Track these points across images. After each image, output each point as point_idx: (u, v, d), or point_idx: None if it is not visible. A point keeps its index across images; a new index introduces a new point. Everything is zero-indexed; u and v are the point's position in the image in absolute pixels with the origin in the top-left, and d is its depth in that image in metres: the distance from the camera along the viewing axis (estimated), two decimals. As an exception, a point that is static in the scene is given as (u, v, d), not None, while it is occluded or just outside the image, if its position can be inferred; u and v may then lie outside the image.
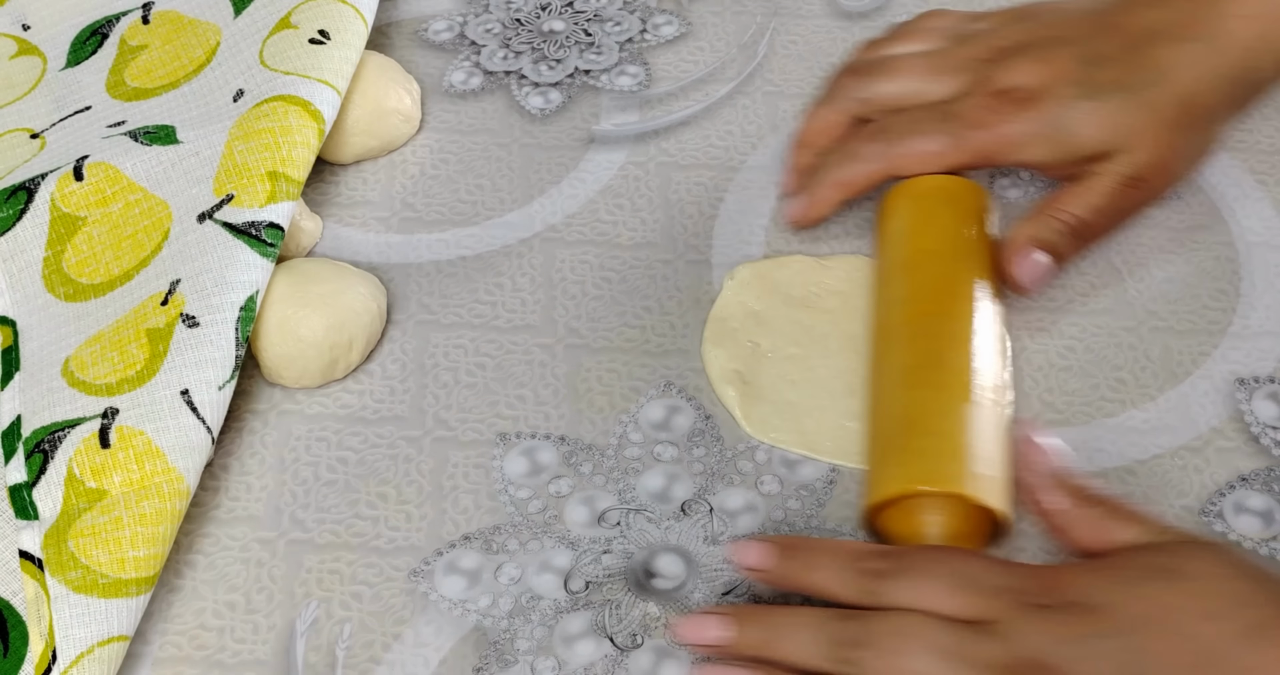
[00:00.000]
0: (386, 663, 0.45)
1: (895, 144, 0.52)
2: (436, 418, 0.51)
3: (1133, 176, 0.50)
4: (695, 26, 0.65)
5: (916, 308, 0.49)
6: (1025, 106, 0.51)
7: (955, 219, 0.52)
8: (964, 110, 0.52)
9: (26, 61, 0.63)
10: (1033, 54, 0.52)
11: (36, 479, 0.47)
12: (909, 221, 0.52)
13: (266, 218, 0.52)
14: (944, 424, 0.46)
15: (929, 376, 0.47)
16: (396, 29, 0.66)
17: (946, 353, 0.48)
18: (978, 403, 0.46)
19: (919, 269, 0.51)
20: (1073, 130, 0.50)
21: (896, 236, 0.52)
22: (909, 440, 0.46)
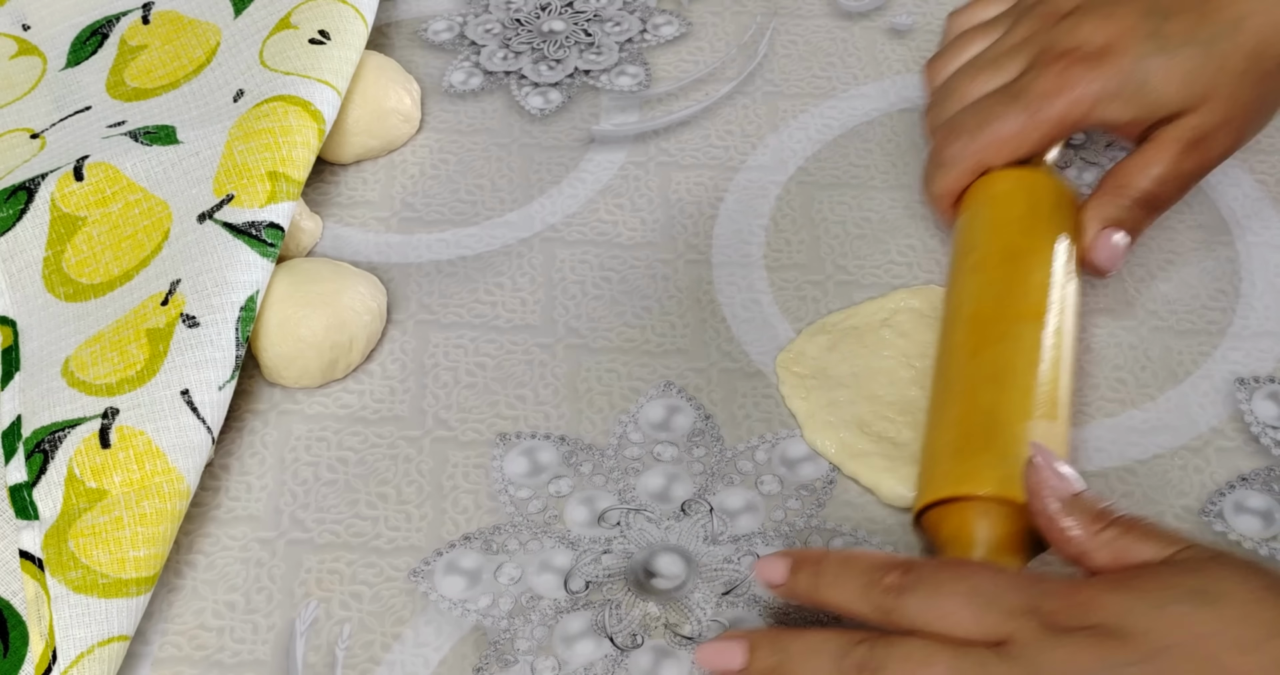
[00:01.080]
0: (386, 663, 0.45)
1: (975, 137, 0.51)
2: (436, 418, 0.51)
3: (1195, 139, 0.49)
4: (695, 26, 0.65)
5: (985, 315, 0.48)
6: (1095, 65, 0.49)
7: (1023, 217, 0.51)
8: (1033, 82, 0.50)
9: (26, 61, 0.63)
10: (1095, 11, 0.50)
11: (37, 479, 0.47)
12: (977, 224, 0.51)
13: (267, 218, 0.52)
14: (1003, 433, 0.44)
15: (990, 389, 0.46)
16: (396, 29, 0.66)
17: (1012, 364, 0.46)
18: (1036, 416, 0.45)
19: (983, 273, 0.49)
20: (1149, 86, 0.49)
21: (964, 240, 0.51)
22: (964, 445, 0.45)
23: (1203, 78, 0.49)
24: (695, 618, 0.46)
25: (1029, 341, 0.47)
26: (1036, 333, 0.47)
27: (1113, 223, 0.50)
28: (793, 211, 0.58)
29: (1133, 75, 0.49)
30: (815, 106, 0.62)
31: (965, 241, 0.51)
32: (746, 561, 0.47)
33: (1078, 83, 0.49)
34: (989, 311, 0.48)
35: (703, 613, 0.46)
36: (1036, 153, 0.52)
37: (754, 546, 0.47)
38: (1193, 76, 0.49)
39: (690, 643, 0.45)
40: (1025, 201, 0.51)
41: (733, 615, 0.46)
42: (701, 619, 0.46)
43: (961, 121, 0.52)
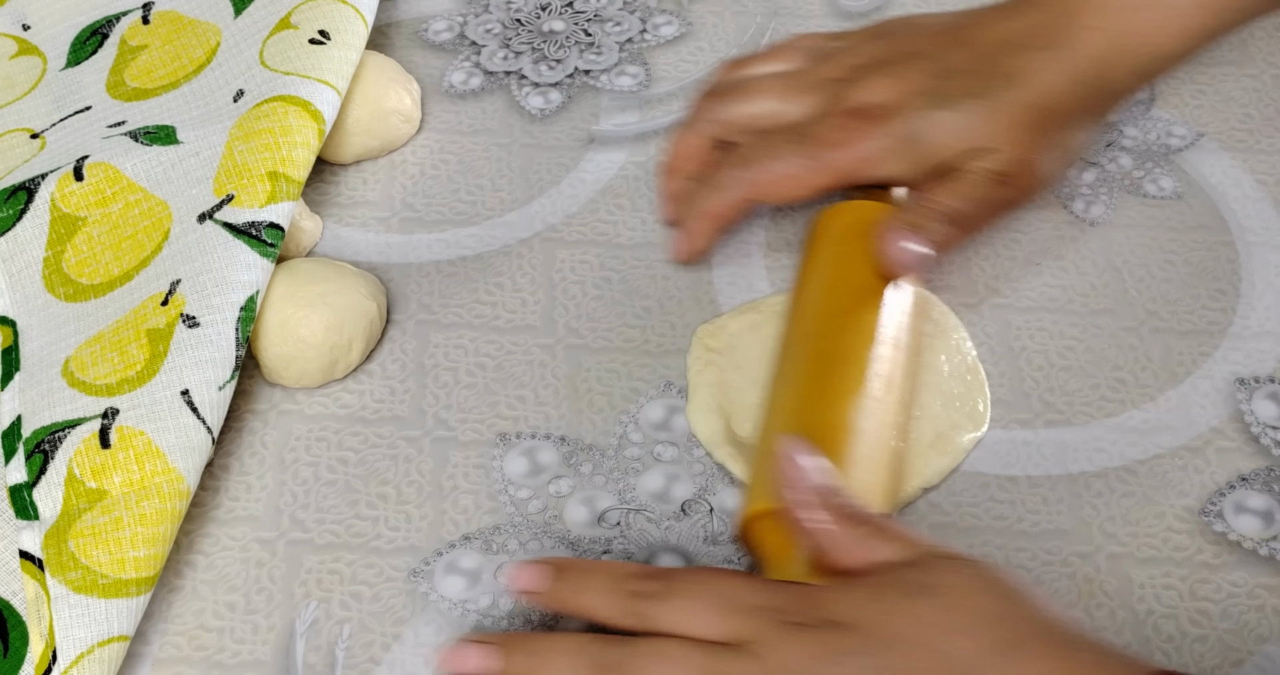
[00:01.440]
0: (386, 663, 0.45)
1: (754, 169, 0.52)
2: (436, 418, 0.51)
3: (1000, 172, 0.50)
4: (695, 26, 0.65)
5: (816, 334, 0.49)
6: (879, 122, 0.51)
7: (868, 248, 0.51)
8: (819, 131, 0.52)
9: (26, 61, 0.63)
10: (887, 70, 0.52)
11: (37, 479, 0.47)
12: (819, 254, 0.52)
13: (267, 218, 0.52)
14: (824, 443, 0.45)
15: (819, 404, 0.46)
16: (396, 29, 0.66)
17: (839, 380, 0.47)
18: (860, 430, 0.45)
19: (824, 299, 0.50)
20: (926, 140, 0.50)
21: (806, 268, 0.52)
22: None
23: (983, 126, 0.50)
24: (695, 618, 0.46)
25: (860, 359, 0.47)
26: (867, 351, 0.47)
27: (915, 228, 0.50)
28: (792, 211, 0.58)
29: (911, 131, 0.50)
30: (815, 106, 0.61)
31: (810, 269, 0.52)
32: (746, 561, 0.47)
33: (859, 139, 0.51)
34: (824, 331, 0.49)
35: (703, 613, 0.46)
36: (814, 196, 0.52)
37: (754, 547, 0.47)
38: (971, 127, 0.50)
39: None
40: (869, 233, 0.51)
41: (733, 615, 0.46)
42: (701, 619, 0.45)
43: (748, 151, 0.53)
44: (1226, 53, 0.63)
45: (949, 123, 0.50)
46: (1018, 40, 0.51)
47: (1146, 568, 0.47)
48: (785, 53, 0.56)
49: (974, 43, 0.52)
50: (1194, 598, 0.46)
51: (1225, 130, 0.60)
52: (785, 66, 0.56)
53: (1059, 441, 0.50)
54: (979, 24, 0.53)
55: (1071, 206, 0.57)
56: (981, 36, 0.52)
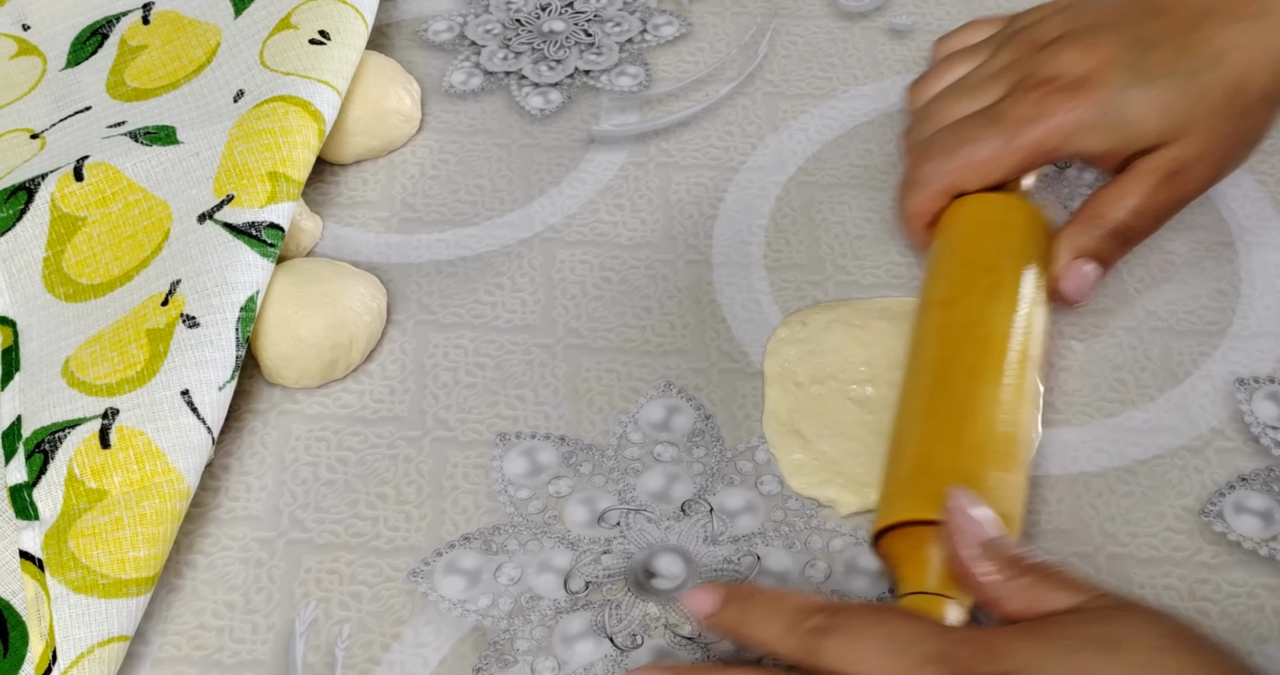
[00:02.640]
0: (386, 663, 0.45)
1: (949, 158, 0.51)
2: (436, 418, 0.51)
3: (1173, 171, 0.49)
4: (695, 27, 0.65)
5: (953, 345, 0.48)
6: (1074, 94, 0.49)
7: (997, 247, 0.50)
8: (1011, 108, 0.50)
9: (26, 61, 0.63)
10: (1077, 41, 0.50)
11: (37, 479, 0.47)
12: (950, 253, 0.51)
13: (267, 218, 0.52)
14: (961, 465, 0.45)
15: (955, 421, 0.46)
16: (396, 29, 0.66)
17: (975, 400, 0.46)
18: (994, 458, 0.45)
19: (956, 305, 0.49)
20: (1128, 117, 0.48)
21: (938, 267, 0.51)
22: (923, 472, 0.45)
23: (1182, 110, 0.48)
24: (695, 618, 0.46)
25: (993, 376, 0.47)
26: (1000, 367, 0.47)
27: (1084, 252, 0.50)
28: (793, 211, 0.58)
29: (1111, 106, 0.49)
30: (815, 107, 0.62)
31: (937, 269, 0.51)
32: (746, 562, 0.47)
33: (1055, 111, 0.49)
34: (957, 342, 0.48)
35: (702, 613, 0.46)
36: (1010, 178, 0.51)
37: (754, 546, 0.47)
38: (1172, 108, 0.48)
39: (690, 643, 0.45)
40: (998, 230, 0.51)
41: (732, 615, 0.46)
42: (701, 619, 0.46)
43: (937, 142, 0.52)
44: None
45: (1148, 101, 0.48)
46: (1215, 8, 0.49)
47: (1146, 568, 0.47)
48: (960, 56, 0.55)
49: (1169, 10, 0.49)
50: (1194, 598, 0.46)
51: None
52: (965, 70, 0.54)
53: (1059, 441, 0.50)
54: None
55: (1071, 206, 0.57)
56: (1177, 3, 0.49)
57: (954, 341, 0.48)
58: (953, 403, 0.46)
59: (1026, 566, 0.40)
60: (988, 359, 0.47)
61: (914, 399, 0.48)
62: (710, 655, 0.45)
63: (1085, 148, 0.50)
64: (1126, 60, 0.49)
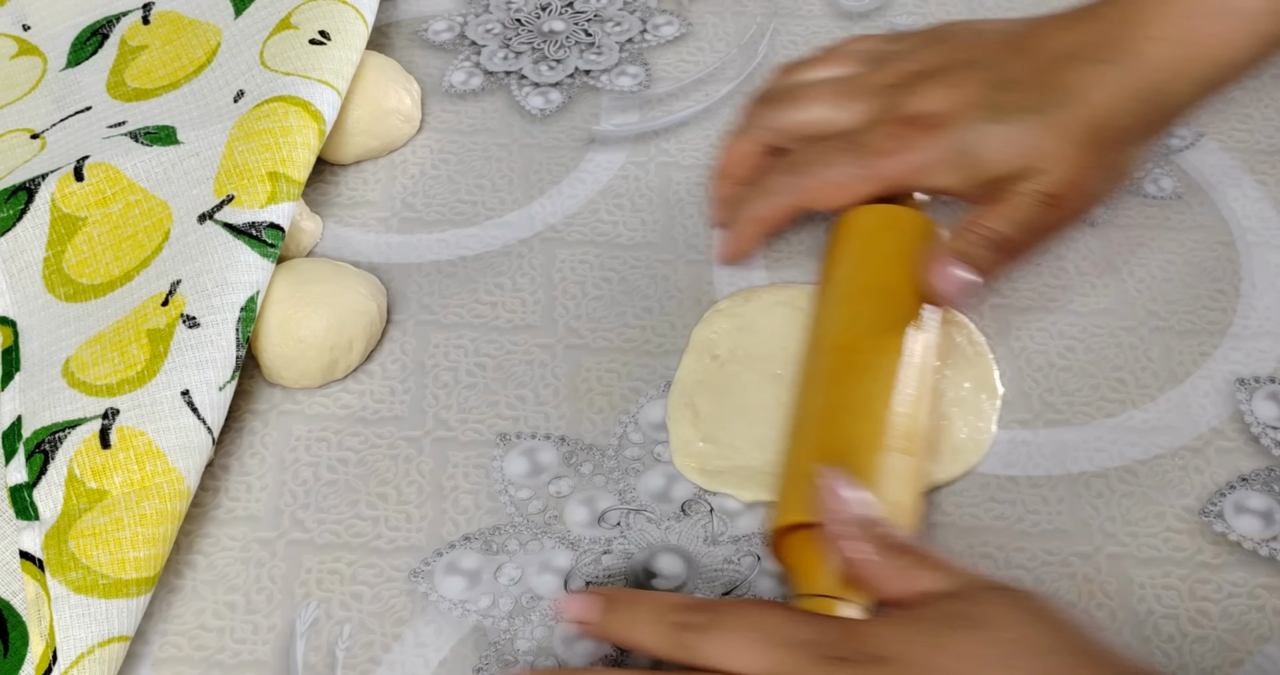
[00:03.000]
0: (386, 663, 0.45)
1: (804, 175, 0.52)
2: (436, 418, 0.51)
3: (1050, 194, 0.49)
4: (695, 27, 0.65)
5: (844, 344, 0.49)
6: (931, 132, 0.50)
7: (892, 253, 0.51)
8: (871, 139, 0.51)
9: (27, 61, 0.63)
10: (942, 79, 0.51)
11: (37, 479, 0.47)
12: (846, 255, 0.52)
13: (267, 218, 0.52)
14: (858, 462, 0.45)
15: (845, 418, 0.46)
16: (396, 29, 0.66)
17: (871, 395, 0.47)
18: (887, 448, 0.45)
19: (850, 304, 0.50)
20: (979, 154, 0.49)
21: (832, 270, 0.52)
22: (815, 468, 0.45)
23: (1037, 144, 0.49)
24: (695, 618, 0.46)
25: (888, 374, 0.47)
26: (895, 366, 0.47)
27: (962, 256, 0.50)
28: (793, 211, 0.58)
29: (965, 143, 0.50)
30: (815, 106, 0.61)
31: (837, 271, 0.51)
32: (746, 562, 0.47)
33: (911, 148, 0.50)
34: (853, 342, 0.48)
35: (703, 613, 0.46)
36: (861, 203, 0.52)
37: (754, 546, 0.47)
38: (1026, 142, 0.49)
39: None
40: (895, 237, 0.51)
41: (733, 615, 0.46)
42: (701, 619, 0.46)
43: (799, 157, 0.53)
44: (1226, 53, 0.63)
45: (1003, 138, 0.49)
46: (1077, 52, 0.50)
47: (1146, 568, 0.47)
48: (840, 57, 0.56)
49: (1033, 52, 0.51)
50: (1194, 598, 0.46)
51: (1225, 130, 0.60)
52: (839, 71, 0.55)
53: (1059, 441, 0.50)
54: (1039, 33, 0.51)
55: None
56: (1041, 46, 0.51)
57: (850, 345, 0.48)
58: (849, 404, 0.47)
59: (900, 547, 0.41)
60: (883, 362, 0.48)
61: (810, 399, 0.48)
62: None
63: (939, 183, 0.51)
64: (987, 100, 0.50)
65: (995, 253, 0.50)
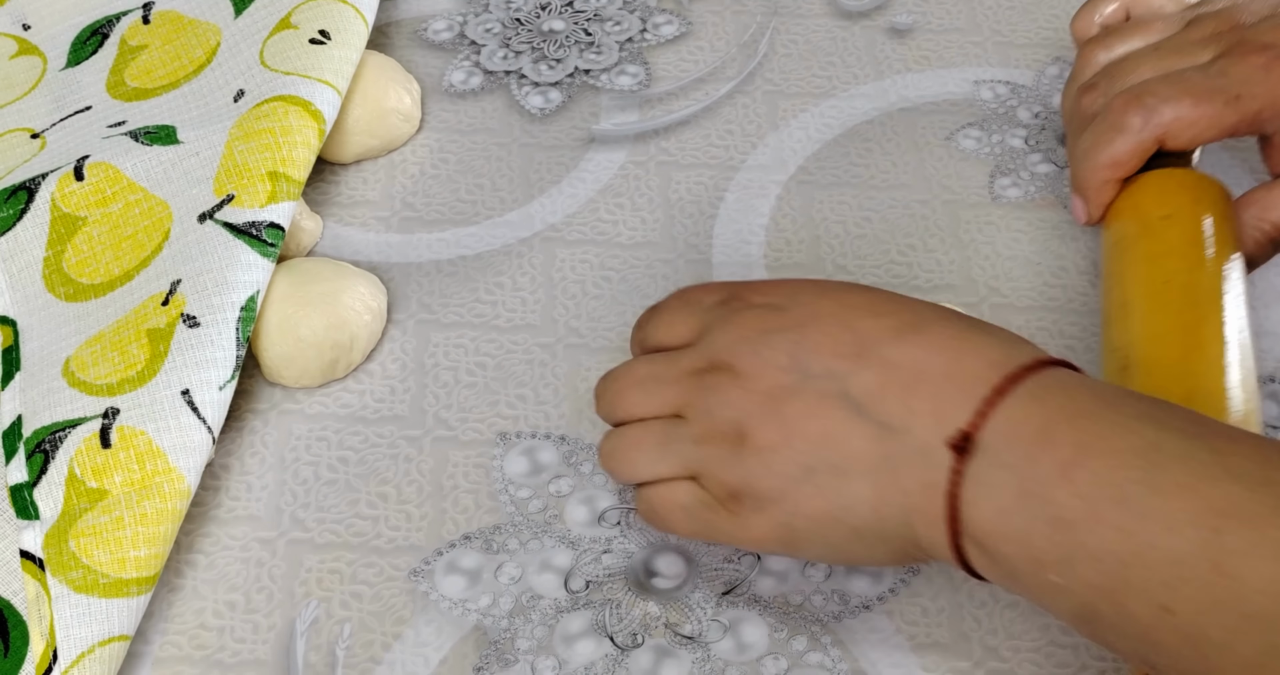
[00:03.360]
0: (386, 662, 0.45)
1: (1161, 109, 0.47)
2: (437, 417, 0.51)
3: None
4: (695, 26, 0.65)
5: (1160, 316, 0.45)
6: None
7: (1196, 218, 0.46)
8: (1234, 67, 0.46)
9: (26, 61, 0.63)
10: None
11: (37, 479, 0.47)
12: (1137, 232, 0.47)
13: (267, 218, 0.52)
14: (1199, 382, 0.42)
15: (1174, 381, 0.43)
16: (396, 29, 0.66)
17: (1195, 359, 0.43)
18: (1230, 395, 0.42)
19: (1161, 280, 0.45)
20: None
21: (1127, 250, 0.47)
22: None
23: None
24: (695, 617, 0.46)
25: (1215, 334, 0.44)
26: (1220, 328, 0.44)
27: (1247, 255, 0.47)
28: (793, 211, 0.58)
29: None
30: (815, 106, 0.62)
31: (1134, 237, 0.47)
32: (746, 561, 0.47)
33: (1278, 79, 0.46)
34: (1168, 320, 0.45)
35: (703, 612, 0.46)
36: (1219, 140, 0.48)
37: (754, 546, 0.47)
38: None
39: (691, 642, 0.45)
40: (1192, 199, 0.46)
41: (733, 615, 0.46)
42: (701, 618, 0.46)
43: (1152, 88, 0.47)
44: (1226, 52, 0.63)
45: None
46: None
47: (1146, 567, 0.47)
48: (1145, 25, 0.52)
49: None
50: (1194, 597, 0.46)
51: None
52: (1153, 38, 0.51)
53: (1059, 441, 0.50)
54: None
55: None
56: None
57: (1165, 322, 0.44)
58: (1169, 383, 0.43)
59: None
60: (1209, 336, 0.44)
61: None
62: (710, 654, 0.45)
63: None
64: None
65: (1271, 248, 0.48)
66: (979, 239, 0.56)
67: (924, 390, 0.39)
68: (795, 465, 0.40)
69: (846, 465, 0.39)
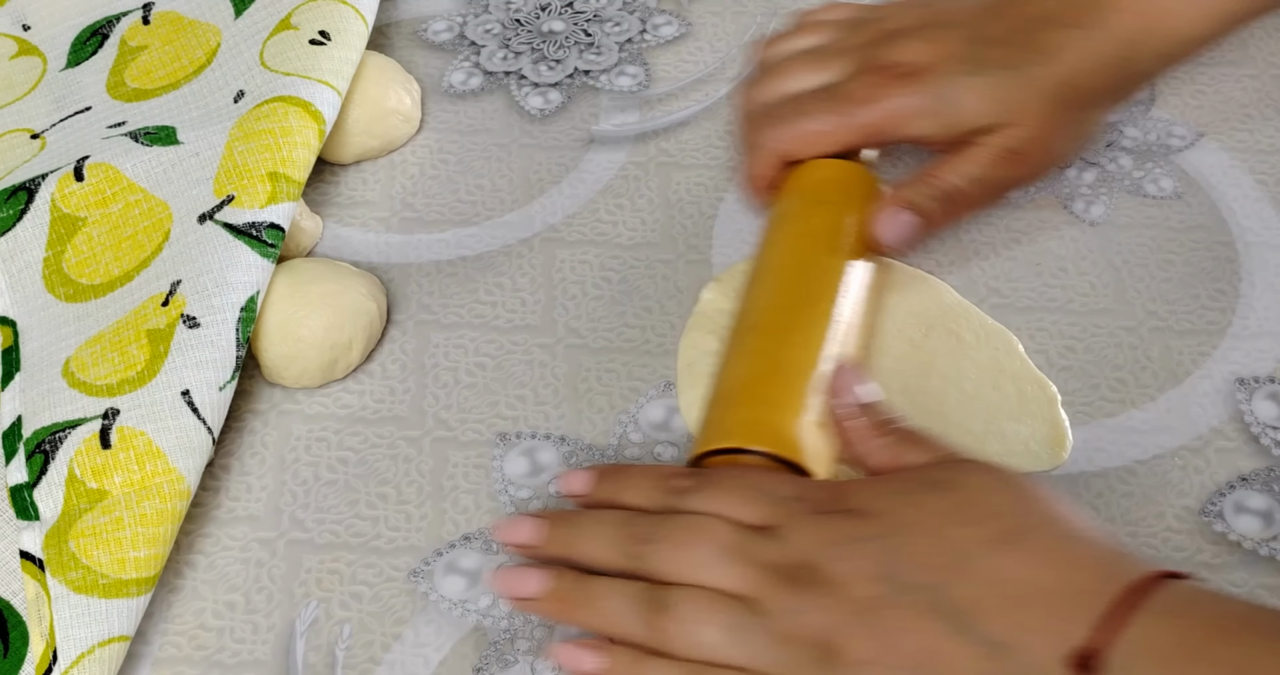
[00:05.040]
0: (386, 663, 0.45)
1: (787, 127, 0.53)
2: (436, 418, 0.51)
3: (1012, 149, 0.51)
4: (695, 26, 0.65)
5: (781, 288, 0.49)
6: (910, 81, 0.51)
7: (836, 202, 0.52)
8: (850, 88, 0.52)
9: (27, 62, 0.63)
10: (922, 34, 0.53)
11: (37, 479, 0.47)
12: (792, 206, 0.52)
13: (267, 218, 0.52)
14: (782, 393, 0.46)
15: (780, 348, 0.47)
16: (396, 29, 0.66)
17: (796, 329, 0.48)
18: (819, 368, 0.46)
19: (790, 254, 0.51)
20: (958, 104, 0.51)
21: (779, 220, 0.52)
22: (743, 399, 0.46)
23: (1012, 98, 0.51)
24: (695, 618, 0.46)
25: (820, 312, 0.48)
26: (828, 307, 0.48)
27: (912, 206, 0.51)
28: (793, 211, 0.58)
29: (944, 93, 0.51)
30: (815, 106, 0.62)
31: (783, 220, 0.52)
32: (746, 561, 0.47)
33: (891, 96, 0.51)
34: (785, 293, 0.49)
35: (703, 613, 0.46)
36: (842, 152, 0.53)
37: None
38: (1001, 96, 0.51)
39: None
40: (838, 189, 0.52)
41: (733, 615, 0.46)
42: (701, 619, 0.45)
43: (778, 112, 0.53)
44: (1226, 53, 0.63)
45: (979, 90, 0.51)
46: (1052, 17, 0.52)
47: (1146, 567, 0.47)
48: (816, 26, 0.57)
49: (1010, 15, 0.52)
50: (1194, 597, 0.46)
51: (1225, 130, 0.60)
52: (817, 41, 0.56)
53: (1059, 441, 0.50)
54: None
55: (1071, 206, 0.57)
56: (1017, 10, 0.52)
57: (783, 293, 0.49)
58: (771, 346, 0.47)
59: (893, 427, 0.45)
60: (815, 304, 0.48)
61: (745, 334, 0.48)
62: None
63: (915, 132, 0.52)
64: (964, 54, 0.52)
65: (945, 204, 0.51)
66: (978, 239, 0.56)
67: (1034, 606, 0.38)
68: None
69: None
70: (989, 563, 0.39)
